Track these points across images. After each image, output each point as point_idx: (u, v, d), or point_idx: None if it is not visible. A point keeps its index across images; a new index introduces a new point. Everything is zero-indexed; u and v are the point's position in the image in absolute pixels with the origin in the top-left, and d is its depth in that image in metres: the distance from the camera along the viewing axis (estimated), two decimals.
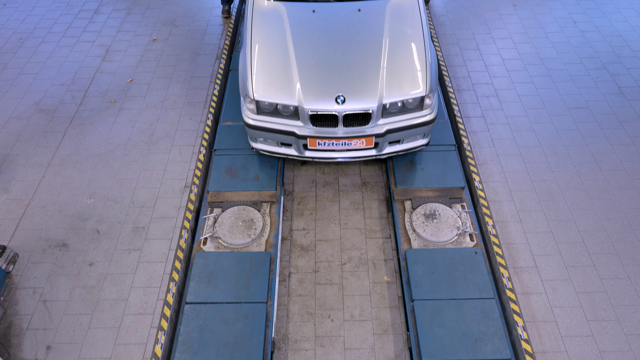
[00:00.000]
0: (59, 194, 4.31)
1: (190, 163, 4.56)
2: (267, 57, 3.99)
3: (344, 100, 3.71)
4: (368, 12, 4.31)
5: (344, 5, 4.40)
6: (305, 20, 4.25)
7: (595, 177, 4.37)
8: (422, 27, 4.19)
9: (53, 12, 6.64)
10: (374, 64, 3.89)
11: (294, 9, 4.36)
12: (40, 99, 5.25)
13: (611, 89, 5.27)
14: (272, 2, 4.45)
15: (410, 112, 3.89)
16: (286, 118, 3.88)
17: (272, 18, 4.29)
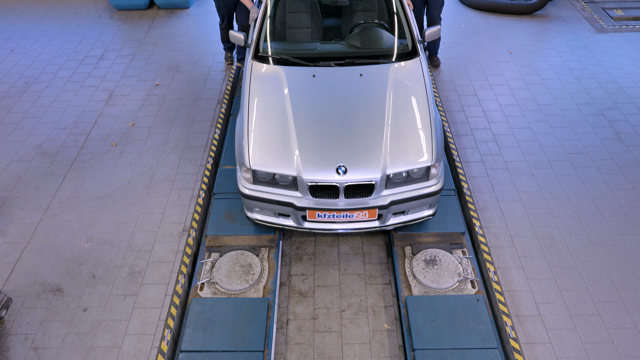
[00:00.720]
0: (56, 237, 4.28)
1: (189, 207, 4.54)
2: (264, 124, 3.83)
3: (345, 170, 3.52)
4: (370, 78, 4.14)
5: (345, 70, 4.23)
6: (305, 85, 4.09)
7: (596, 223, 4.34)
8: (427, 94, 4.02)
9: (59, 58, 6.80)
10: (377, 133, 3.70)
11: (293, 73, 4.20)
12: (43, 142, 5.29)
13: (609, 134, 5.31)
14: (271, 66, 4.31)
15: (415, 183, 3.71)
16: (284, 188, 3.70)
17: (271, 83, 4.14)
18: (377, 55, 4.37)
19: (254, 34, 4.53)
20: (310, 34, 4.76)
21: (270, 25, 4.66)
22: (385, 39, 4.59)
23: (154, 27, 7.59)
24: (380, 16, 4.84)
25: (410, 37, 4.49)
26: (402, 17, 4.63)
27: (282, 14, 4.80)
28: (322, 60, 4.31)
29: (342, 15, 5.00)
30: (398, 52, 4.42)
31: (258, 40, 4.49)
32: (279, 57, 4.35)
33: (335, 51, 4.46)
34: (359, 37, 4.57)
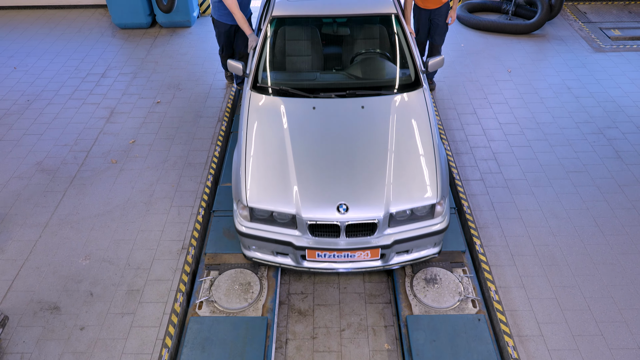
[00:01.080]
0: (54, 255, 4.25)
1: (189, 224, 4.53)
2: (262, 160, 3.69)
3: (346, 209, 3.38)
4: (372, 110, 4.01)
5: (346, 101, 4.10)
6: (305, 118, 3.96)
7: (598, 242, 4.32)
8: (431, 126, 3.90)
9: (61, 76, 6.84)
10: (380, 169, 3.57)
11: (293, 105, 4.07)
12: (43, 159, 5.30)
13: (609, 153, 5.32)
14: (270, 97, 4.18)
15: (419, 221, 3.56)
16: (283, 226, 3.56)
17: (270, 115, 4.02)
18: (379, 87, 4.27)
19: (253, 64, 4.44)
20: (310, 63, 4.65)
21: (270, 54, 4.57)
22: (387, 69, 4.51)
23: (156, 45, 7.66)
24: (381, 45, 4.75)
25: (413, 67, 4.40)
26: (405, 46, 4.54)
27: (281, 43, 4.71)
28: (323, 91, 4.20)
29: (343, 44, 4.90)
30: (401, 83, 4.33)
31: (257, 69, 4.40)
32: (278, 87, 4.25)
33: (336, 82, 4.38)
34: (360, 67, 4.49)
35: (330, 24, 5.04)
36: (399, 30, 4.61)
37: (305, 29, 4.72)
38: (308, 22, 4.77)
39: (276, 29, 4.68)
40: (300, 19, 4.71)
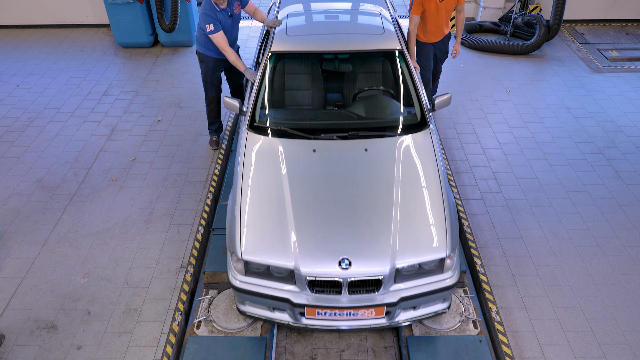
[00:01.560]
0: (52, 273, 4.22)
1: (188, 242, 4.51)
2: (259, 208, 3.45)
3: (349, 263, 3.11)
4: (376, 153, 3.77)
5: (348, 143, 3.85)
6: (305, 162, 3.72)
7: (599, 262, 4.30)
8: (439, 172, 3.67)
9: (63, 94, 6.89)
10: (385, 219, 3.32)
11: (292, 147, 3.83)
12: (43, 177, 5.30)
13: (609, 173, 5.32)
14: (268, 138, 3.94)
15: (428, 275, 3.30)
16: (280, 281, 3.28)
17: (267, 158, 3.77)
18: (383, 127, 4.04)
19: (250, 102, 4.21)
20: (310, 101, 4.47)
21: (268, 91, 4.35)
22: (391, 109, 4.30)
23: (158, 64, 7.73)
24: (385, 83, 4.56)
25: (419, 105, 4.17)
26: (410, 84, 4.31)
27: (280, 80, 4.51)
28: (324, 132, 3.97)
29: (345, 81, 4.68)
30: (406, 123, 4.09)
31: (254, 108, 4.17)
32: (276, 127, 4.01)
33: (338, 122, 4.16)
34: (363, 106, 4.28)
35: (332, 60, 4.88)
36: (403, 67, 4.38)
37: (305, 66, 4.54)
38: (308, 58, 4.57)
39: (275, 65, 4.47)
40: (301, 55, 4.50)
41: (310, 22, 4.75)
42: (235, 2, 4.97)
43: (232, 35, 5.11)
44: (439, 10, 5.29)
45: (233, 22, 5.05)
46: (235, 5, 4.97)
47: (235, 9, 4.99)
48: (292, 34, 4.49)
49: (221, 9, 4.81)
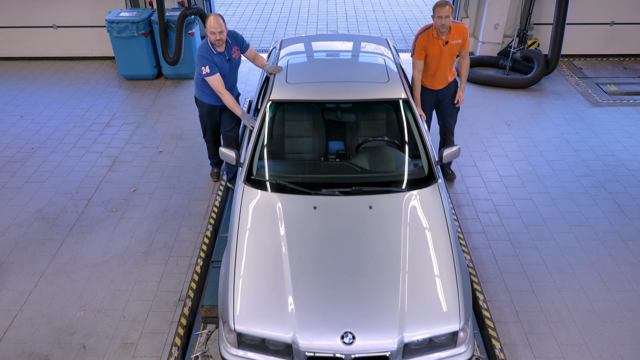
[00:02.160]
0: (49, 305, 4.16)
1: (187, 275, 4.46)
2: (254, 273, 3.21)
3: (352, 338, 2.87)
4: (381, 211, 3.53)
5: (352, 200, 3.62)
6: (305, 220, 3.48)
7: (604, 298, 4.23)
8: (449, 231, 3.43)
9: (66, 125, 6.94)
10: (392, 287, 3.08)
11: (291, 203, 3.60)
12: (43, 207, 5.29)
13: (611, 207, 5.30)
14: (266, 193, 3.71)
15: (439, 350, 3.03)
16: (276, 355, 3.02)
17: (265, 216, 3.54)
18: (389, 182, 3.86)
19: (247, 153, 3.98)
20: (311, 154, 4.29)
21: (267, 143, 4.15)
22: (397, 161, 4.11)
23: (161, 96, 7.82)
24: (390, 133, 4.38)
25: (426, 158, 3.95)
26: (416, 135, 4.10)
27: (280, 130, 4.33)
28: (326, 186, 3.75)
29: (348, 132, 4.50)
30: (413, 177, 3.89)
31: (252, 160, 3.94)
32: (275, 181, 3.80)
33: (340, 176, 3.95)
34: (367, 158, 4.09)
35: (334, 110, 4.65)
36: (409, 117, 4.17)
37: (306, 115, 4.37)
38: (310, 107, 4.38)
39: (274, 114, 4.29)
40: (301, 104, 4.31)
41: (311, 68, 4.64)
42: (234, 46, 4.77)
43: (229, 80, 4.90)
44: (442, 54, 4.99)
45: (231, 66, 4.84)
46: (234, 50, 4.78)
47: (233, 53, 4.78)
48: (293, 81, 4.32)
49: (218, 52, 4.63)
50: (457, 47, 5.01)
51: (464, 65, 5.25)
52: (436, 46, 4.94)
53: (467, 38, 5.03)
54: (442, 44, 4.93)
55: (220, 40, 4.52)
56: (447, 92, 5.32)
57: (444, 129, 5.60)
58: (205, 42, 4.65)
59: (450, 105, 5.39)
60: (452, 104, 5.38)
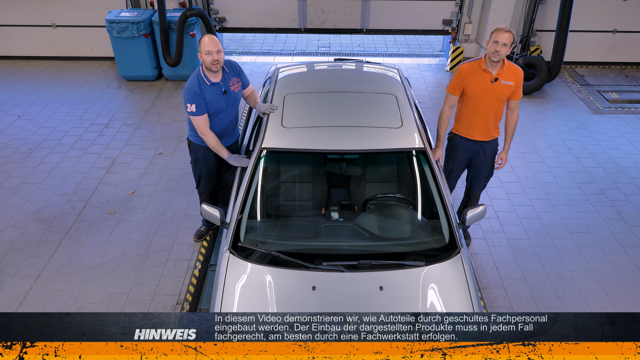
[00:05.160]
0: (44, 308, 4.11)
1: (185, 278, 4.41)
2: None
3: None
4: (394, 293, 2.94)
5: (358, 278, 3.00)
6: (301, 303, 2.89)
7: (604, 306, 4.20)
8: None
9: (64, 125, 6.90)
10: None
11: (285, 282, 2.98)
12: (40, 209, 5.24)
13: (611, 214, 5.28)
14: (255, 267, 3.08)
15: None
16: None
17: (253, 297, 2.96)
18: (402, 253, 3.22)
19: (235, 212, 3.36)
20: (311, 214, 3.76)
21: (259, 201, 3.56)
22: (412, 227, 3.54)
23: (161, 97, 7.78)
24: (403, 192, 3.83)
25: (447, 222, 3.33)
26: (435, 194, 3.48)
27: (272, 186, 3.78)
28: (327, 259, 3.14)
29: (354, 187, 3.95)
30: (431, 246, 3.26)
31: (239, 222, 3.33)
32: (266, 252, 3.16)
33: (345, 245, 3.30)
34: (376, 221, 3.48)
35: (337, 161, 4.00)
36: (427, 173, 3.56)
37: (305, 167, 3.87)
38: (309, 159, 3.88)
39: (266, 166, 3.67)
40: (299, 155, 3.79)
41: (311, 107, 3.93)
42: (234, 77, 4.00)
43: (227, 118, 4.07)
44: (487, 94, 3.92)
45: (229, 101, 4.00)
46: (232, 82, 3.98)
47: (232, 85, 3.98)
48: (290, 124, 3.67)
49: (212, 82, 3.84)
50: (507, 90, 3.91)
51: (512, 122, 4.20)
52: (482, 81, 3.88)
53: (521, 84, 3.95)
54: (490, 80, 3.86)
55: (218, 62, 3.74)
56: (488, 148, 4.24)
57: (470, 192, 4.57)
58: (196, 74, 3.87)
59: (486, 166, 4.33)
60: (488, 164, 4.32)
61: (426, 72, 8.99)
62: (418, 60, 9.57)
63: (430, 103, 7.69)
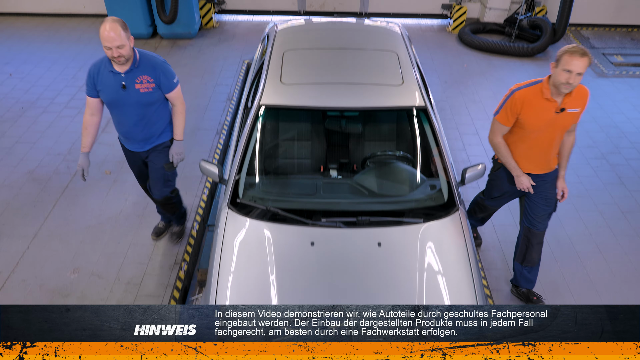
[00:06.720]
0: (41, 267, 4.10)
1: (183, 238, 4.40)
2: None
3: None
4: (392, 250, 2.95)
5: (357, 234, 3.01)
6: (300, 261, 2.90)
7: (600, 269, 4.22)
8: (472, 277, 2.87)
9: (57, 84, 6.75)
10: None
11: (284, 238, 2.98)
12: (35, 168, 5.17)
13: (612, 179, 5.24)
14: (254, 221, 3.07)
15: None
16: None
17: (252, 252, 2.95)
18: (401, 210, 3.21)
19: (233, 169, 3.36)
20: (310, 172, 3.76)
21: (258, 158, 3.50)
22: (411, 184, 3.50)
23: None
24: (403, 147, 3.82)
25: (446, 180, 3.33)
26: (435, 151, 3.47)
27: (271, 144, 3.75)
28: (326, 214, 3.15)
29: (353, 145, 3.94)
30: (430, 204, 3.24)
31: (238, 178, 3.31)
32: (265, 207, 3.12)
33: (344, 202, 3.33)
34: (375, 178, 3.48)
35: (337, 118, 3.93)
36: (428, 131, 3.52)
37: (303, 125, 3.83)
38: (308, 116, 3.84)
39: (264, 122, 3.64)
40: (298, 112, 3.77)
41: (311, 64, 3.85)
42: (145, 75, 3.39)
43: (129, 117, 3.49)
44: (550, 127, 3.24)
45: (128, 99, 3.39)
46: (141, 80, 3.38)
47: (138, 83, 3.38)
48: (289, 81, 3.62)
49: (113, 70, 3.38)
50: (574, 119, 3.24)
51: (569, 145, 3.49)
52: (544, 113, 3.18)
53: (585, 106, 3.24)
54: (556, 111, 3.16)
55: (122, 56, 3.27)
56: (547, 180, 3.53)
57: (529, 233, 3.65)
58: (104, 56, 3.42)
59: (546, 200, 3.57)
60: (548, 198, 3.57)
61: (428, 32, 8.79)
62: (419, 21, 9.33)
63: (432, 64, 7.54)
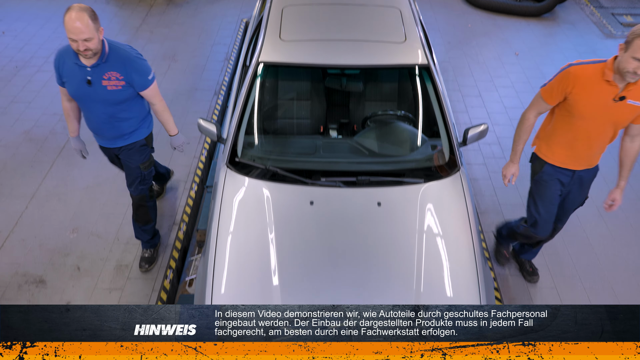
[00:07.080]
0: (40, 227, 4.10)
1: (181, 199, 4.38)
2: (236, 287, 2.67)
3: None
4: (392, 210, 2.91)
5: (356, 194, 2.98)
6: (299, 220, 2.88)
7: (600, 233, 4.23)
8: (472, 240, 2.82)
9: (52, 42, 6.60)
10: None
11: (283, 197, 2.95)
12: (31, 128, 5.11)
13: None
14: (253, 180, 3.03)
15: None
16: None
17: (250, 211, 2.91)
18: (402, 170, 3.16)
19: (232, 128, 3.29)
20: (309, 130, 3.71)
21: (256, 116, 3.42)
22: (412, 144, 3.45)
23: (152, 14, 7.40)
24: (404, 108, 3.71)
25: (448, 140, 3.26)
26: (437, 111, 3.37)
27: (270, 102, 3.69)
28: (325, 174, 3.10)
29: (354, 104, 3.87)
30: (431, 164, 3.20)
31: (236, 137, 3.25)
32: (264, 167, 3.08)
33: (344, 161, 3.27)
34: (375, 138, 3.41)
35: (337, 76, 3.86)
36: (430, 90, 3.42)
37: (303, 84, 3.74)
38: (307, 74, 3.74)
39: (263, 80, 3.56)
40: (298, 69, 3.70)
41: (311, 20, 3.73)
42: (113, 72, 3.07)
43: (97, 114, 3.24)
44: (603, 116, 2.84)
45: (95, 95, 3.10)
46: (109, 76, 3.06)
47: (106, 80, 3.06)
48: (288, 37, 3.50)
49: (79, 63, 3.05)
50: (633, 113, 2.80)
51: (632, 153, 3.10)
52: (601, 97, 2.77)
53: None
54: (614, 98, 2.75)
55: (89, 51, 2.92)
56: (586, 178, 3.30)
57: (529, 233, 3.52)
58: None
59: (580, 199, 3.41)
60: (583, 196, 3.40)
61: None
62: None
63: (435, 24, 7.35)
